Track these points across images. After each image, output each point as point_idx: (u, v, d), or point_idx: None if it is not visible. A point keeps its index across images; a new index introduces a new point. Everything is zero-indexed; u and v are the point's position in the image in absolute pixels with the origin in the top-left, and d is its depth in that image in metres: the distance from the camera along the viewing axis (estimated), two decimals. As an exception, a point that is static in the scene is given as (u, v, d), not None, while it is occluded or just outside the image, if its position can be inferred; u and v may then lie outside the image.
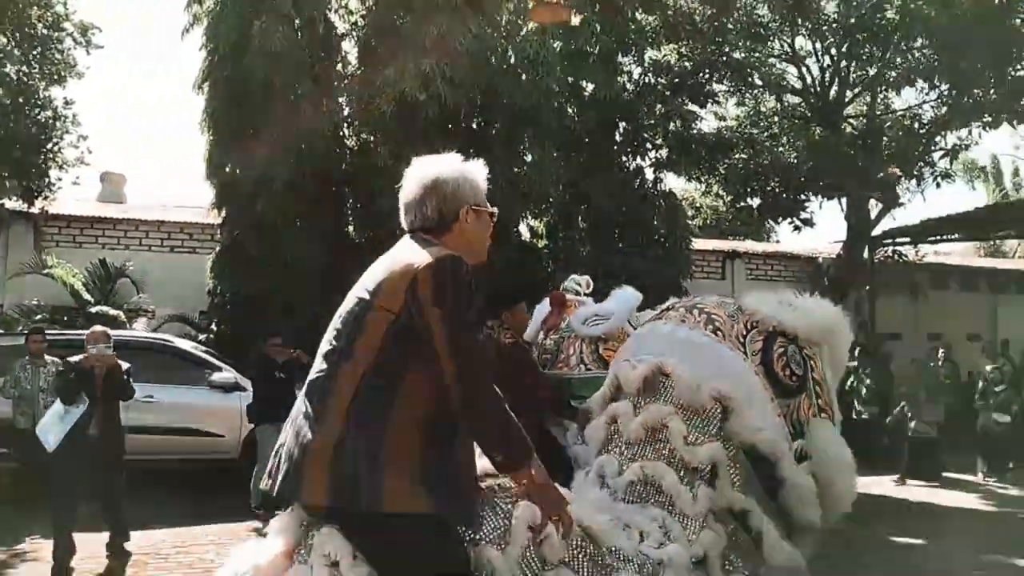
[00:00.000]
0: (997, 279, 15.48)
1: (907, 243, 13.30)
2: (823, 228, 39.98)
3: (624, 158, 11.81)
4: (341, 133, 10.94)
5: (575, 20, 11.50)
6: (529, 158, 10.69)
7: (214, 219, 10.95)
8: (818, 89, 12.82)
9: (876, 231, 12.99)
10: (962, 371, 12.43)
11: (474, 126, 10.75)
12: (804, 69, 12.96)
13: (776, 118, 12.64)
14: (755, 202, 12.28)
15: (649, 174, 11.85)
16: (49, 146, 11.07)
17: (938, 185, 12.23)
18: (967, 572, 5.41)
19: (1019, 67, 11.23)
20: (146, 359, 7.93)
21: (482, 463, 2.03)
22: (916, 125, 12.75)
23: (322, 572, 1.90)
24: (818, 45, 12.64)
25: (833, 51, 12.51)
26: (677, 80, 11.45)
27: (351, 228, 10.68)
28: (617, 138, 11.70)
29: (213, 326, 10.44)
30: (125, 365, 5.79)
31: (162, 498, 7.23)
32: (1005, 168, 30.55)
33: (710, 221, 16.17)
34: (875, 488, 8.87)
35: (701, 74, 11.60)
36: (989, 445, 9.69)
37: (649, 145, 11.70)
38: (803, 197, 11.70)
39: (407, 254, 2.00)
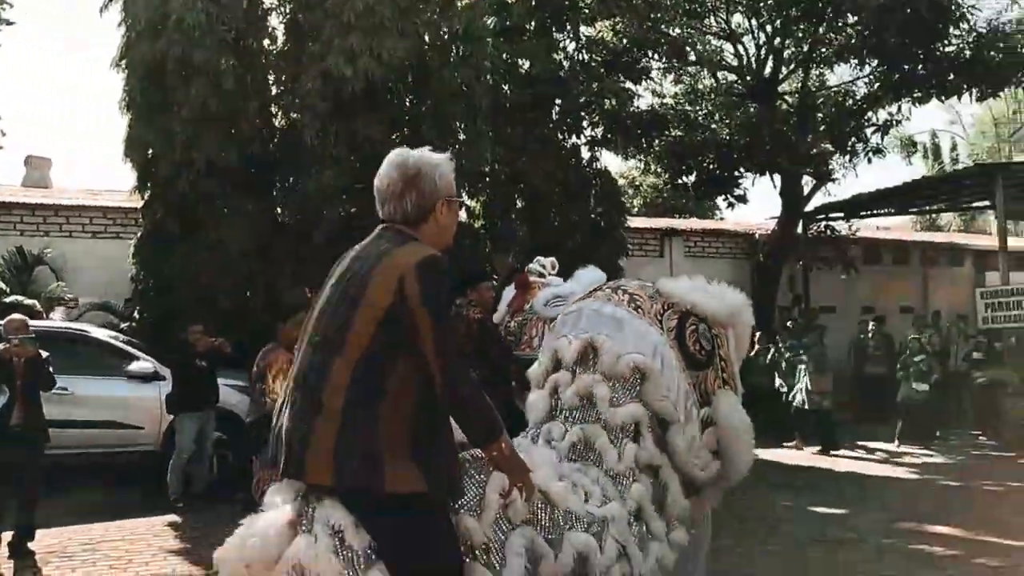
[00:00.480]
0: (928, 252, 15.83)
1: (839, 218, 13.49)
2: (763, 204, 41.01)
3: (560, 136, 11.71)
4: (270, 112, 10.61)
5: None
6: (462, 137, 10.51)
7: (137, 203, 10.56)
8: (754, 66, 12.87)
9: (809, 207, 13.15)
10: (896, 343, 12.70)
11: (406, 103, 10.54)
12: (740, 46, 13.00)
13: (712, 95, 12.64)
14: (691, 179, 12.28)
15: (585, 153, 11.77)
16: (-43, 128, 10.56)
17: (869, 160, 12.40)
18: (876, 539, 5.48)
19: (947, 43, 11.39)
20: (60, 350, 7.50)
21: (459, 434, 2.26)
22: (850, 102, 12.90)
23: (326, 540, 2.03)
24: (754, 22, 12.67)
25: (768, 28, 12.56)
26: (611, 57, 11.35)
27: (279, 210, 10.36)
28: (553, 116, 11.58)
29: (136, 314, 10.06)
30: (44, 354, 5.63)
31: (76, 493, 7.01)
32: (944, 144, 31.37)
33: (650, 200, 16.19)
34: (800, 459, 9.03)
35: (636, 51, 11.52)
36: (910, 414, 9.91)
37: (585, 123, 11.61)
38: (737, 174, 11.74)
39: (392, 252, 2.17)
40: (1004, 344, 10.34)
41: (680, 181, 12.44)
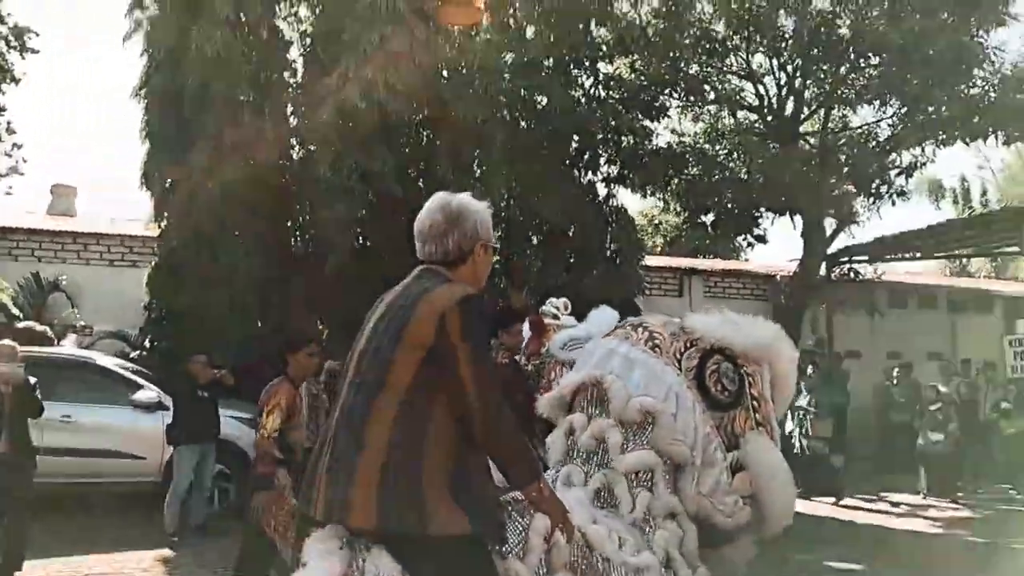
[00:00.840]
0: (956, 298, 15.42)
1: (864, 261, 13.19)
2: (785, 245, 40.44)
3: (577, 173, 11.65)
4: (291, 143, 10.68)
5: (529, 33, 11.43)
6: (478, 173, 10.47)
7: (153, 232, 10.62)
8: (775, 106, 12.74)
9: (832, 248, 12.88)
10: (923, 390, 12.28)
11: (422, 138, 10.55)
12: (761, 86, 12.90)
13: (732, 135, 12.49)
14: (710, 218, 12.10)
15: (601, 190, 11.68)
16: (-21, 155, 10.74)
17: (893, 203, 12.16)
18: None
19: (971, 84, 11.20)
20: (66, 376, 7.62)
21: (496, 476, 2.23)
22: (873, 144, 12.70)
23: None
24: (775, 62, 12.57)
25: (789, 68, 12.45)
26: (628, 95, 11.30)
27: (293, 241, 10.35)
28: (570, 152, 11.52)
29: (147, 343, 10.04)
30: (32, 380, 5.53)
31: (71, 524, 6.88)
32: (974, 189, 30.93)
33: (671, 239, 16.01)
34: (819, 511, 8.67)
35: (653, 89, 11.45)
36: (929, 465, 9.56)
37: (602, 160, 11.53)
38: (756, 213, 11.54)
39: (433, 291, 2.19)
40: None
41: (699, 220, 12.27)
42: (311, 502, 2.14)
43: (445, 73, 10.15)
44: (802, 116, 12.76)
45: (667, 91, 11.65)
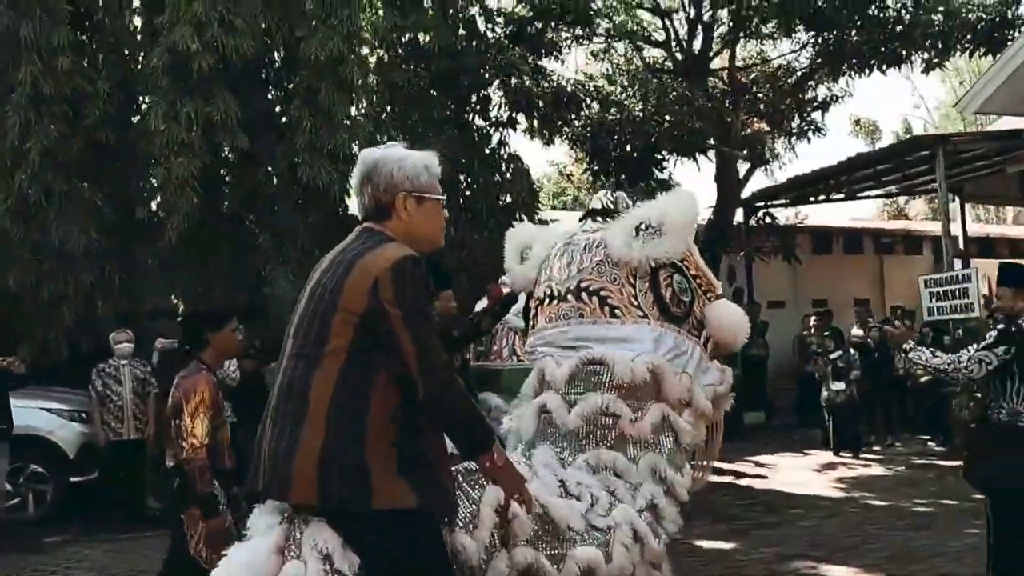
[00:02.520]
0: (882, 240, 14.81)
1: (782, 204, 12.45)
2: (698, 192, 39.91)
3: (467, 117, 10.67)
4: (133, 95, 9.54)
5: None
6: (348, 122, 9.43)
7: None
8: (683, 42, 11.82)
9: (746, 193, 12.10)
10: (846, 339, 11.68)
11: (283, 82, 9.49)
12: (668, 21, 11.95)
13: (634, 72, 11.53)
14: (611, 166, 11.19)
15: (494, 138, 10.72)
16: None
17: (808, 140, 11.38)
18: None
19: (882, 4, 10.38)
20: None
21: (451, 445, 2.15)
22: (790, 79, 11.87)
23: (316, 566, 1.97)
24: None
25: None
26: (516, 29, 10.29)
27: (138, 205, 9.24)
28: (457, 96, 10.52)
29: (-28, 326, 8.93)
30: None
31: None
32: (916, 129, 30.48)
33: (585, 189, 15.14)
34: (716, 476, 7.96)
35: (543, 23, 10.44)
36: (833, 416, 8.95)
37: (492, 103, 10.57)
38: (658, 156, 10.66)
39: (367, 254, 2.09)
40: (951, 337, 9.28)
41: (596, 168, 11.32)
42: (257, 477, 2.09)
43: (308, 4, 9.06)
44: (712, 53, 11.86)
45: (555, 25, 10.59)
